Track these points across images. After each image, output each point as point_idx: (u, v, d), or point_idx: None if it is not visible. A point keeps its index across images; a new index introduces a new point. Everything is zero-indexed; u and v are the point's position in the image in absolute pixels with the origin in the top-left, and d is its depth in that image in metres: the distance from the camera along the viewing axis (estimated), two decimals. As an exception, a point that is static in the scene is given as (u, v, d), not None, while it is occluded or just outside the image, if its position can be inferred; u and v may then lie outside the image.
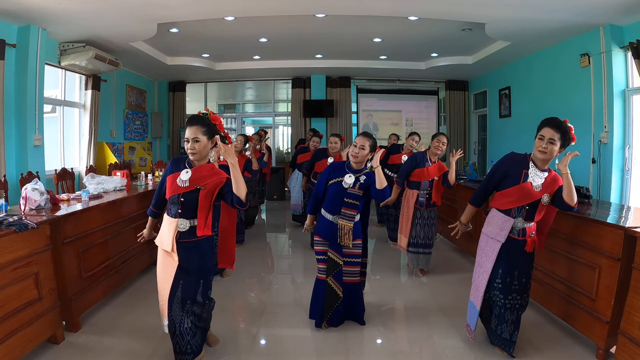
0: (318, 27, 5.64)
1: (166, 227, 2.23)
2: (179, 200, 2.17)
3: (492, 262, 2.32)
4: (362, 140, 2.65)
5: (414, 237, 3.77)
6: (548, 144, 2.21)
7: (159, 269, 2.26)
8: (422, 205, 3.75)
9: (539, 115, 6.79)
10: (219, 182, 2.18)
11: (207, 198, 2.17)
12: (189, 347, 2.21)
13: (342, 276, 2.71)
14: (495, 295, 2.35)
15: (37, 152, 4.88)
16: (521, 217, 2.30)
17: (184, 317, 2.19)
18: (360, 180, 2.65)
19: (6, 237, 2.11)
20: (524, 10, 4.51)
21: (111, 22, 4.90)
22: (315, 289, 2.79)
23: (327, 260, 2.70)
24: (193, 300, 2.22)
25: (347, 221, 2.64)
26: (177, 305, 2.17)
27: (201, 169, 2.19)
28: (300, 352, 2.51)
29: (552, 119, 2.25)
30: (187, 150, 2.19)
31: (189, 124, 2.17)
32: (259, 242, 5.27)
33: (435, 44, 6.57)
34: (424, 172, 3.70)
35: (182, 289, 2.18)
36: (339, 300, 2.72)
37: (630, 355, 2.09)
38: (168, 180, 2.22)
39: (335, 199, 2.65)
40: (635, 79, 4.67)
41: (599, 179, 4.98)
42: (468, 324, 2.51)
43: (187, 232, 2.18)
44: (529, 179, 2.27)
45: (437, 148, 3.72)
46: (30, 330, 2.27)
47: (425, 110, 9.30)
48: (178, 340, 2.20)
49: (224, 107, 11.60)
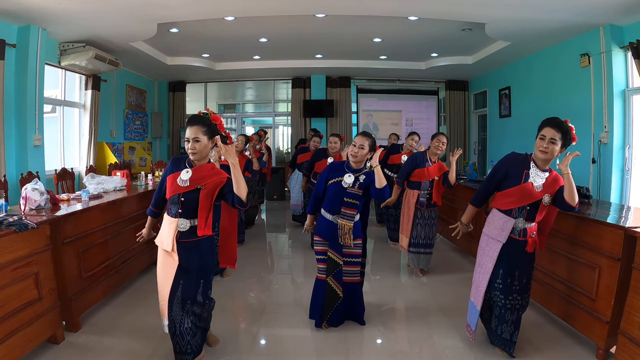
0: (318, 27, 5.64)
1: (166, 227, 2.23)
2: (179, 200, 2.17)
3: (493, 263, 2.32)
4: (361, 140, 2.65)
5: (414, 237, 3.77)
6: (549, 143, 2.21)
7: (159, 269, 2.26)
8: (422, 205, 3.75)
9: (539, 115, 6.78)
10: (219, 181, 2.18)
11: (208, 198, 2.17)
12: (189, 347, 2.21)
13: (342, 276, 2.71)
14: (496, 296, 2.35)
15: (37, 152, 4.88)
16: (522, 218, 2.29)
17: (184, 317, 2.18)
18: (359, 179, 2.65)
19: (6, 237, 2.11)
20: (524, 10, 4.51)
21: (111, 22, 4.90)
22: (315, 289, 2.79)
23: (327, 260, 2.70)
24: (193, 300, 2.22)
25: (347, 221, 2.64)
26: (177, 305, 2.17)
27: (202, 169, 2.19)
28: (300, 352, 2.51)
29: (553, 119, 2.25)
30: (187, 150, 2.18)
31: (190, 124, 2.16)
32: (259, 242, 5.27)
33: (435, 44, 6.57)
34: (424, 172, 3.71)
35: (182, 288, 2.18)
36: (339, 300, 2.72)
37: (630, 355, 2.09)
38: (168, 180, 2.22)
39: (335, 198, 2.66)
40: (635, 79, 4.67)
41: (599, 179, 4.98)
42: (468, 324, 2.51)
43: (188, 232, 2.18)
44: (530, 179, 2.26)
45: (437, 148, 3.72)
46: (30, 330, 2.27)
47: (425, 110, 9.30)
48: (178, 340, 2.20)
49: (224, 107, 11.60)
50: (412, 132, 5.03)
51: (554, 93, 5.91)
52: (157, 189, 2.37)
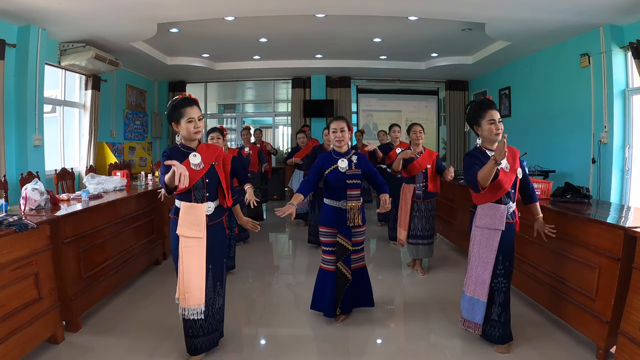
0: (318, 27, 5.64)
1: (191, 214, 2.19)
2: (204, 182, 2.22)
3: (495, 252, 2.36)
4: (340, 124, 2.77)
5: (412, 229, 3.85)
6: (499, 123, 2.37)
7: (185, 261, 2.17)
8: (419, 197, 3.81)
9: (539, 115, 6.76)
10: (222, 153, 2.33)
11: (223, 171, 2.30)
12: (220, 325, 2.39)
13: (350, 263, 2.78)
14: (500, 282, 2.39)
15: (37, 152, 4.88)
16: (510, 201, 2.40)
17: (216, 298, 2.31)
18: (353, 160, 2.77)
19: (6, 237, 2.11)
20: (524, 10, 4.51)
21: (111, 22, 4.91)
22: (321, 280, 2.83)
23: (335, 249, 2.76)
24: (222, 281, 2.35)
25: (355, 202, 2.74)
26: (210, 289, 2.26)
27: (202, 148, 2.27)
28: (300, 352, 2.51)
29: (488, 100, 2.42)
30: (193, 130, 2.18)
31: (191, 104, 2.21)
32: (260, 241, 5.27)
33: (435, 44, 6.57)
34: (415, 165, 3.76)
35: (212, 273, 2.27)
36: (349, 282, 2.78)
37: (630, 355, 2.09)
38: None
39: (339, 184, 2.73)
40: (635, 79, 4.67)
41: (599, 179, 4.98)
42: (468, 320, 2.49)
43: (214, 213, 2.28)
44: (499, 168, 2.31)
45: (417, 138, 3.81)
46: (30, 330, 2.27)
47: (425, 110, 9.30)
48: (210, 321, 2.29)
49: (224, 107, 11.60)
50: (393, 124, 5.06)
51: (554, 93, 5.91)
52: (161, 175, 2.32)
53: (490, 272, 2.38)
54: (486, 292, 2.39)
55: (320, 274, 2.85)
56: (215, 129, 3.62)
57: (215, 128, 3.65)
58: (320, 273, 2.86)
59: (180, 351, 2.42)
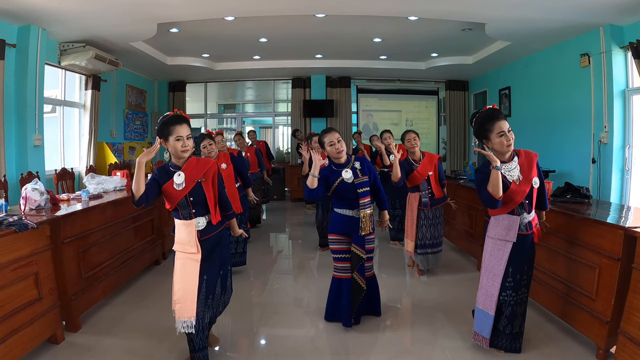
0: (318, 27, 5.64)
1: (184, 231, 2.21)
2: (188, 201, 2.19)
3: (504, 264, 2.30)
4: (334, 135, 2.69)
5: (420, 239, 3.72)
6: (509, 133, 2.27)
7: (180, 274, 2.21)
8: (426, 205, 3.70)
9: (539, 115, 6.75)
10: (212, 168, 2.27)
11: (211, 187, 2.24)
12: (206, 341, 2.28)
13: (364, 271, 2.74)
14: (508, 295, 2.34)
15: (37, 152, 4.88)
16: (524, 212, 2.32)
17: (205, 313, 2.24)
18: (357, 167, 2.70)
19: (6, 237, 2.12)
20: (524, 10, 4.51)
21: (111, 22, 4.90)
22: (335, 289, 2.76)
23: (350, 257, 2.70)
24: (213, 295, 2.29)
25: (367, 209, 2.69)
26: (201, 302, 2.22)
27: (191, 163, 2.23)
28: (300, 352, 2.51)
29: (494, 110, 2.32)
30: (180, 148, 2.15)
31: (180, 122, 2.16)
32: (260, 241, 5.27)
33: (435, 44, 6.57)
34: (416, 175, 3.66)
35: (206, 284, 2.23)
36: (364, 292, 2.74)
37: (630, 355, 2.09)
38: (165, 191, 2.19)
39: (349, 194, 2.67)
40: (635, 79, 4.67)
41: (599, 179, 4.98)
42: (477, 333, 2.46)
43: (206, 228, 2.24)
44: (509, 180, 2.27)
45: (412, 146, 3.70)
46: (30, 330, 2.27)
47: (425, 110, 9.30)
48: (200, 336, 2.22)
49: (224, 107, 11.60)
50: (384, 130, 5.04)
51: (554, 93, 5.90)
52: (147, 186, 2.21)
53: (499, 285, 2.33)
54: (494, 306, 2.35)
55: (335, 283, 2.76)
56: (204, 136, 3.54)
57: (203, 135, 3.56)
58: (334, 282, 2.77)
59: (180, 351, 2.43)
